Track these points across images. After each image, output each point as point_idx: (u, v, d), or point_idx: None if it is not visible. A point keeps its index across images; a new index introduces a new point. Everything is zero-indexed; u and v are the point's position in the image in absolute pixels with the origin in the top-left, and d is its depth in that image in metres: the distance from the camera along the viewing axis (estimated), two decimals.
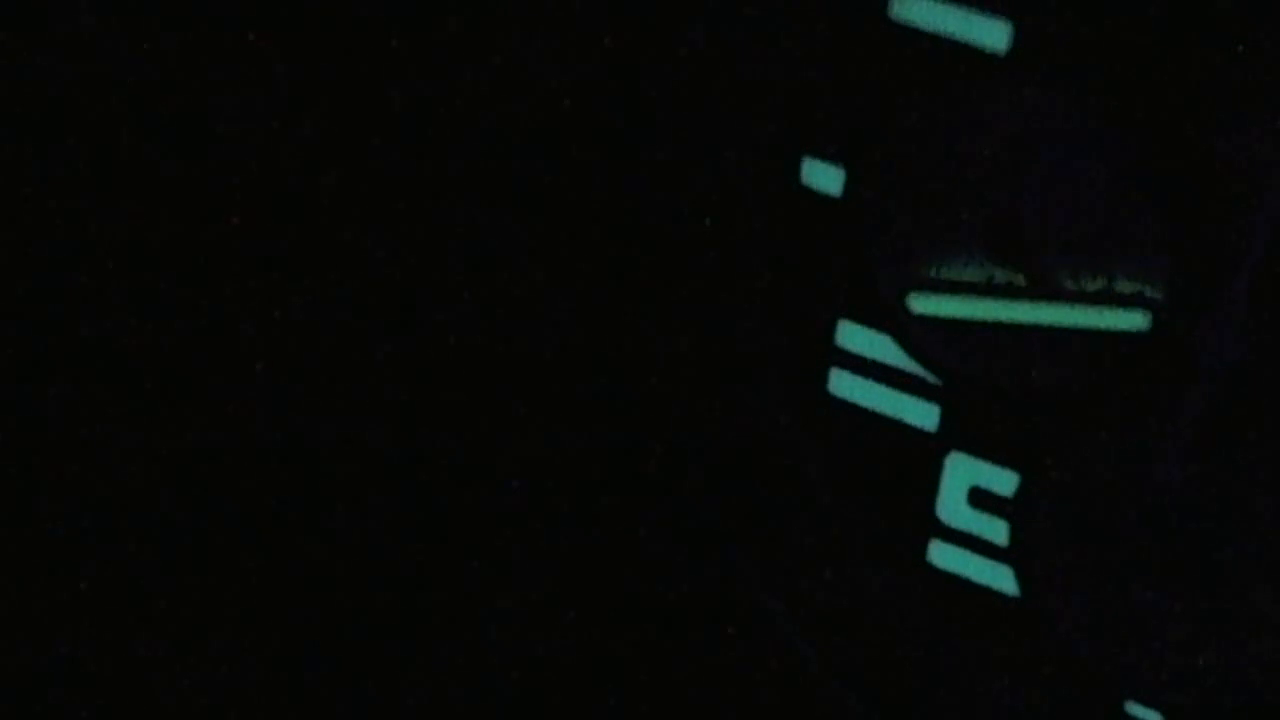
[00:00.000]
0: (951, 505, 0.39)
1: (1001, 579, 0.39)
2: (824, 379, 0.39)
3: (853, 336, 0.38)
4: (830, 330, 0.38)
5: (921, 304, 0.36)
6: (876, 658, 0.42)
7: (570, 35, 0.39)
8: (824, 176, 0.37)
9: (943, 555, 0.39)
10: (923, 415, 0.38)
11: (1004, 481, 0.38)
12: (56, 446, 0.47)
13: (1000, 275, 0.36)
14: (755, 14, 0.37)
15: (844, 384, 0.39)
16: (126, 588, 0.47)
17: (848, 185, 0.37)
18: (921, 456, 0.39)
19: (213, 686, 0.48)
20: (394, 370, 0.44)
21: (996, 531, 0.38)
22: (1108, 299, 0.35)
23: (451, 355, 0.43)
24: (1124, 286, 0.35)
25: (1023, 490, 0.38)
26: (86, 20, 0.43)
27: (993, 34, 0.34)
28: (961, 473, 0.38)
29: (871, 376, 0.38)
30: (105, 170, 0.44)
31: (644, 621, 0.44)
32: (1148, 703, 0.39)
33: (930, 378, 0.37)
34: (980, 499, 0.39)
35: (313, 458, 0.45)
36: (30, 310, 0.46)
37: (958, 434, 0.38)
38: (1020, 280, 0.36)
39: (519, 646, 0.46)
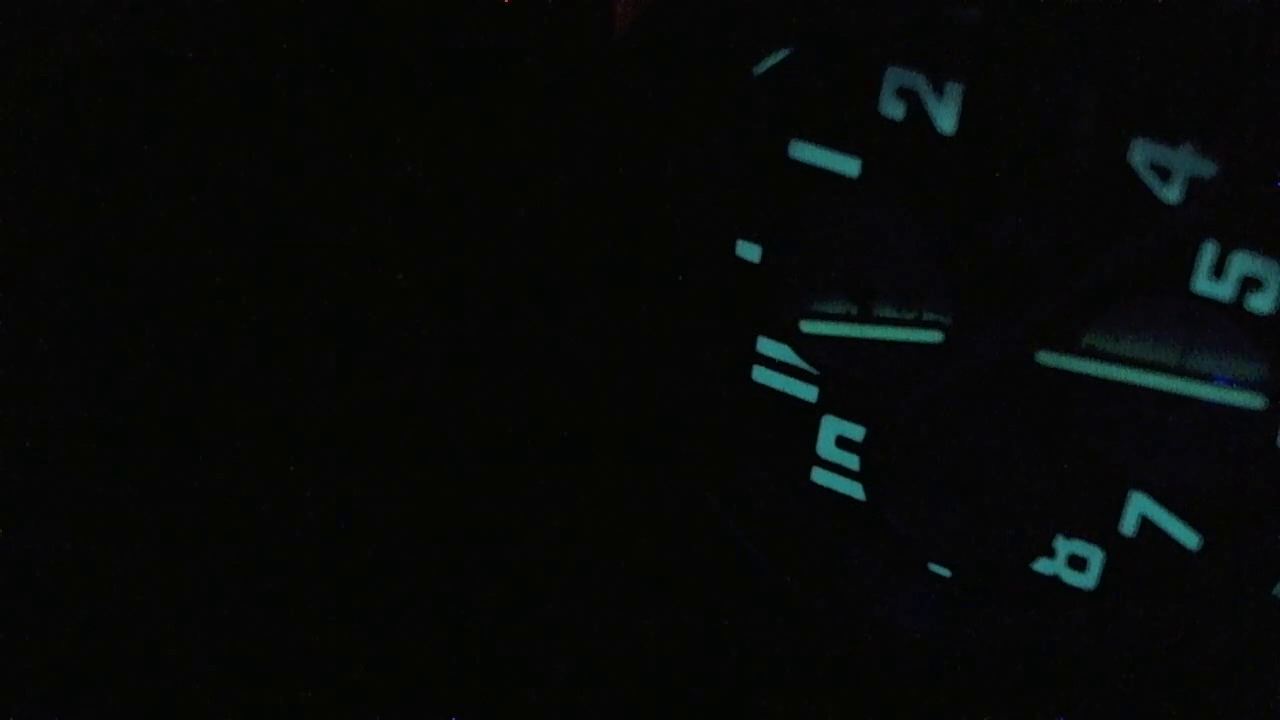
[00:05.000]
0: (826, 446, 0.43)
1: (856, 490, 0.43)
2: (749, 372, 0.43)
3: (767, 346, 0.42)
4: (753, 342, 0.42)
5: (808, 327, 0.41)
6: (777, 541, 0.44)
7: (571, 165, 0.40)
8: (749, 250, 0.41)
9: (821, 477, 0.44)
10: (808, 393, 0.42)
11: (856, 432, 0.42)
12: (56, 448, 0.44)
13: (853, 310, 0.40)
14: (709, 154, 0.39)
15: (762, 375, 0.43)
16: (126, 587, 0.44)
17: (764, 256, 0.41)
18: (808, 417, 0.43)
19: (218, 685, 0.44)
20: (380, 367, 0.43)
21: (853, 462, 0.43)
22: (917, 324, 0.39)
23: (445, 355, 0.43)
24: (928, 316, 0.39)
25: (868, 437, 0.42)
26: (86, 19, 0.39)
27: (849, 166, 0.38)
28: (831, 427, 0.43)
29: (778, 370, 0.42)
30: (104, 170, 0.41)
31: (626, 534, 0.45)
32: (942, 563, 0.43)
33: (813, 370, 0.42)
34: (843, 443, 0.43)
35: (311, 457, 0.44)
36: (29, 310, 0.42)
37: (829, 404, 0.42)
38: (865, 313, 0.40)
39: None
